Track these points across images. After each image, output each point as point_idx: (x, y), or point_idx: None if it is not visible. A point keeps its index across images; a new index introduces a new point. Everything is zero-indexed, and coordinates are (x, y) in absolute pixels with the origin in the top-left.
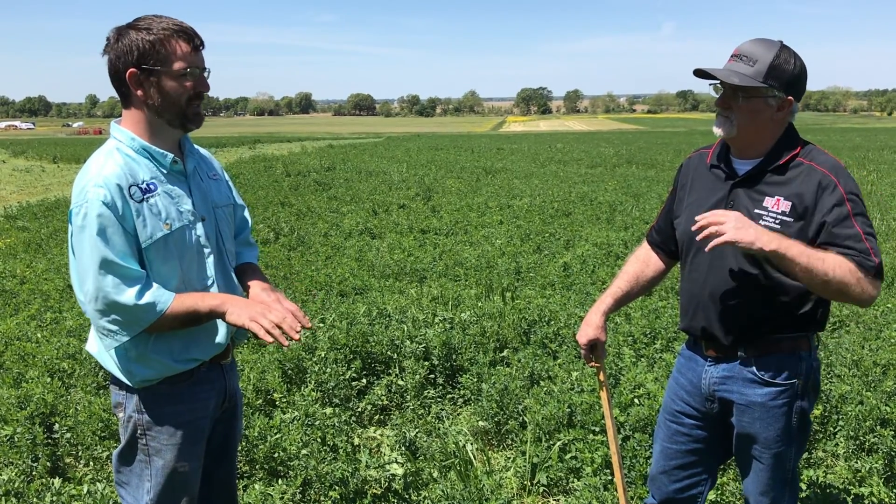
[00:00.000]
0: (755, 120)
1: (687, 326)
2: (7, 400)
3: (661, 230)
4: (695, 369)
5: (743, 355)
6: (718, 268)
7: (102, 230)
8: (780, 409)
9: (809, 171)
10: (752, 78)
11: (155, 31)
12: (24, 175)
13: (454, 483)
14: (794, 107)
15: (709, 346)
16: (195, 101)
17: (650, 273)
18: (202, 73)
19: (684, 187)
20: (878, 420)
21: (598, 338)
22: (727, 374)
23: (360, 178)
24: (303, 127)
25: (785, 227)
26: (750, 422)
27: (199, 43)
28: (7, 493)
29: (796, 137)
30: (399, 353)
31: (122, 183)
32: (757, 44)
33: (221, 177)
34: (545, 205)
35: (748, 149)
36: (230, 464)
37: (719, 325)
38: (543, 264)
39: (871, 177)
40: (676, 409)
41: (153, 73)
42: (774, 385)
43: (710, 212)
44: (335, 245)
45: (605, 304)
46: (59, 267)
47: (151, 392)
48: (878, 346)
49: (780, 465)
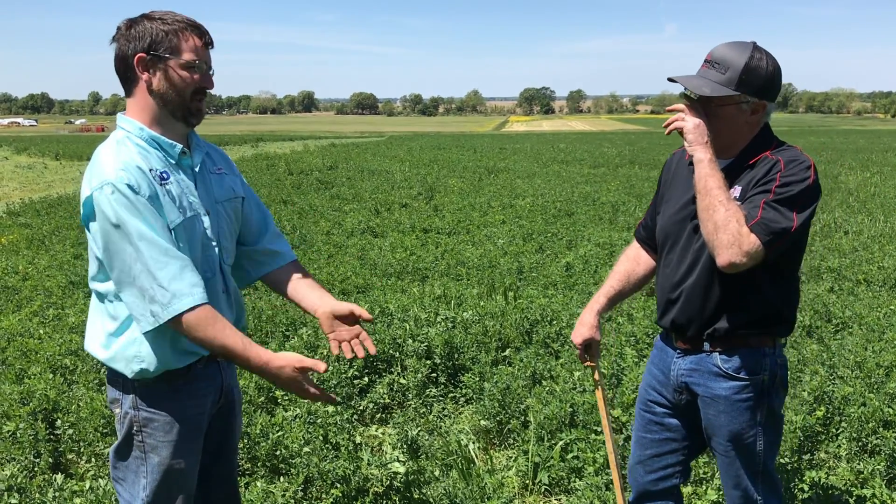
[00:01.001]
0: (729, 125)
1: (659, 319)
2: (9, 396)
3: (648, 227)
4: (665, 360)
5: (708, 348)
6: (688, 263)
7: (133, 210)
8: (744, 404)
9: (767, 160)
10: (724, 86)
11: (169, 22)
12: (26, 172)
13: (456, 482)
14: (770, 107)
15: (678, 339)
16: (198, 96)
17: (641, 271)
18: (209, 69)
19: (666, 184)
20: (881, 422)
21: (592, 337)
22: (694, 367)
23: (363, 177)
24: (305, 125)
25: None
26: (715, 415)
27: (210, 40)
28: (9, 488)
29: (770, 138)
30: (401, 351)
31: (142, 166)
32: (729, 48)
33: (227, 171)
34: (548, 205)
35: (724, 150)
36: (229, 460)
37: (687, 318)
38: (546, 264)
39: (875, 179)
40: (649, 399)
41: (162, 61)
42: (738, 379)
43: (680, 114)
44: (337, 244)
45: (599, 303)
46: (61, 263)
47: (148, 388)
48: (881, 347)
49: (749, 459)
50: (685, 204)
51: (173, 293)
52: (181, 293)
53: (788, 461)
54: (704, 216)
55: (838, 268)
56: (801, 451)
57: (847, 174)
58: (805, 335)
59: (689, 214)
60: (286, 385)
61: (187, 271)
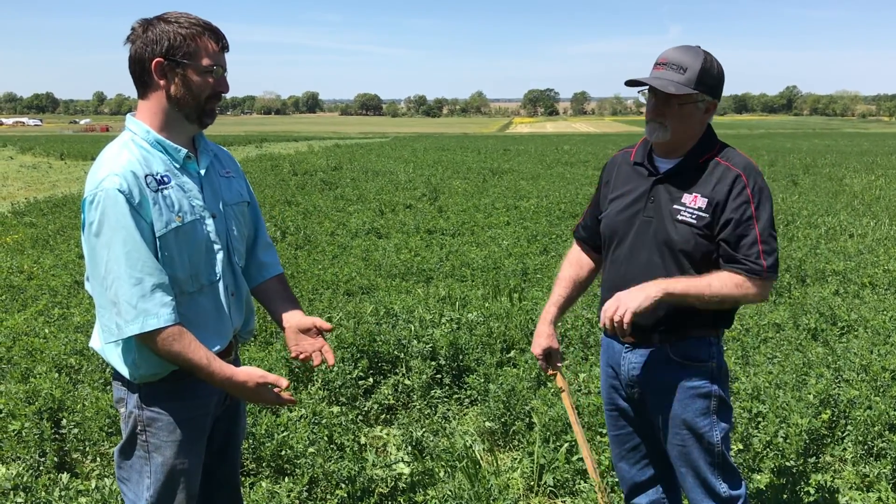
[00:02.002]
0: (686, 123)
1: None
2: (15, 395)
3: (588, 227)
4: (613, 356)
5: (658, 340)
6: (637, 259)
7: (118, 218)
8: (696, 390)
9: (725, 172)
10: (686, 85)
11: (186, 26)
12: (31, 171)
13: (461, 483)
14: (715, 108)
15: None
16: (213, 100)
17: (584, 274)
18: (224, 72)
19: (608, 184)
20: (887, 425)
21: (550, 346)
22: (644, 360)
23: (367, 177)
24: (309, 126)
25: (699, 221)
26: (668, 405)
27: (226, 44)
28: (15, 487)
29: (714, 138)
30: (406, 352)
31: (137, 172)
32: (682, 51)
33: (235, 174)
34: (552, 206)
35: (674, 150)
36: (233, 462)
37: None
38: (550, 266)
39: (880, 182)
40: (608, 397)
41: (180, 66)
42: (688, 367)
43: (604, 310)
44: (342, 244)
45: (551, 313)
46: (66, 263)
47: (152, 389)
48: (886, 350)
49: (707, 449)
50: (633, 201)
51: (139, 311)
52: (147, 312)
53: (794, 464)
54: (717, 300)
55: (843, 271)
56: (806, 454)
57: (852, 177)
58: (810, 338)
59: (636, 211)
60: (250, 397)
61: (158, 290)
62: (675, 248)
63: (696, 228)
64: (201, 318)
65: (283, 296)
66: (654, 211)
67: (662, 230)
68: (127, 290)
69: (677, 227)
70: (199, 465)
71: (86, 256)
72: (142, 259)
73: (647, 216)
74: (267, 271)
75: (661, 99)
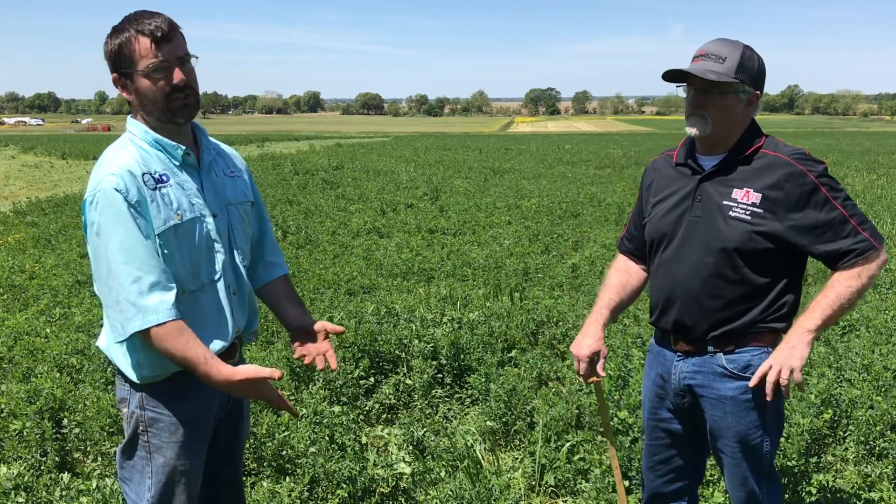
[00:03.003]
0: (728, 115)
1: (657, 321)
2: (16, 395)
3: (634, 237)
4: (664, 364)
5: (713, 349)
6: (686, 261)
7: (116, 217)
8: (750, 403)
9: (775, 162)
10: (726, 74)
11: (124, 32)
12: (33, 171)
13: (462, 483)
14: (758, 101)
15: (678, 340)
16: (175, 94)
17: (634, 282)
18: (172, 65)
19: (649, 189)
20: (889, 425)
21: (599, 349)
22: (697, 369)
23: (368, 177)
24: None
25: (756, 218)
26: (721, 416)
27: (162, 35)
28: (17, 486)
29: (759, 130)
30: (407, 352)
31: (135, 171)
32: (721, 43)
33: (241, 174)
34: (553, 206)
35: (718, 145)
36: (235, 464)
37: (690, 318)
38: (552, 265)
39: (881, 181)
40: (652, 406)
41: (126, 76)
42: (744, 379)
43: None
44: (343, 244)
45: (603, 315)
46: (67, 262)
47: (155, 389)
48: (888, 350)
49: (755, 459)
50: (678, 202)
51: (139, 308)
52: (148, 309)
53: (795, 464)
54: (856, 302)
55: None
56: (808, 453)
57: (853, 176)
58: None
59: (683, 211)
60: (247, 393)
61: (157, 287)
62: (728, 246)
63: (750, 225)
64: (202, 316)
65: (289, 297)
66: (702, 210)
67: (713, 229)
68: (126, 287)
69: (730, 224)
70: (200, 466)
71: (90, 257)
72: (140, 257)
73: (695, 216)
74: (273, 271)
75: (701, 89)
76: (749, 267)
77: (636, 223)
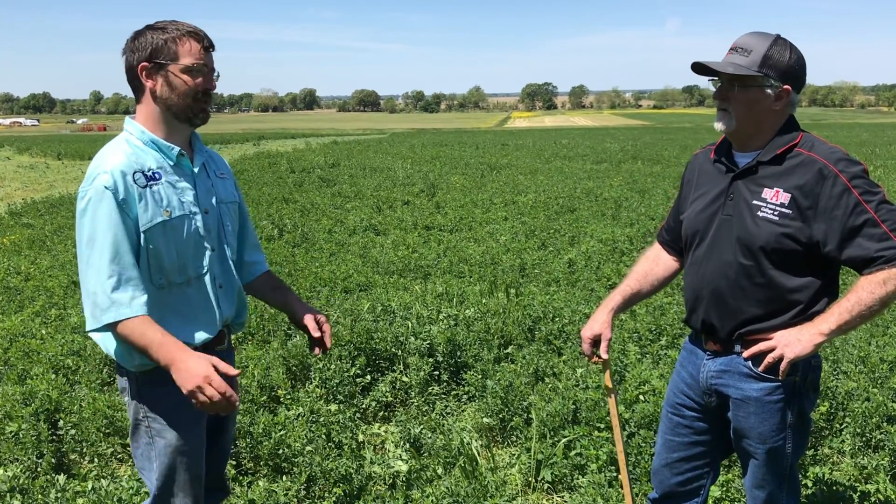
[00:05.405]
0: (752, 110)
1: (688, 319)
2: (12, 396)
3: (671, 229)
4: (695, 362)
5: (739, 350)
6: (716, 261)
7: (103, 214)
8: (775, 405)
9: (808, 161)
10: (747, 67)
11: (169, 31)
12: (28, 172)
13: (459, 480)
14: (794, 97)
15: (708, 340)
16: (205, 97)
17: (660, 271)
18: (210, 72)
19: (689, 183)
20: (885, 417)
21: (601, 333)
22: (724, 369)
23: (365, 174)
24: (307, 123)
25: (784, 220)
26: (745, 416)
27: (209, 44)
28: (12, 489)
29: (796, 128)
30: (403, 349)
31: (126, 170)
32: (753, 36)
33: (228, 177)
34: (550, 201)
35: (749, 142)
36: (221, 449)
37: (717, 317)
38: (548, 261)
39: (879, 172)
40: (678, 402)
41: (163, 67)
42: (769, 380)
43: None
44: (339, 241)
45: (614, 301)
46: (63, 263)
47: (148, 375)
48: (884, 342)
49: (776, 461)
50: (712, 200)
51: (112, 301)
52: (120, 303)
53: None
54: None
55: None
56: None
57: None
58: None
59: (716, 210)
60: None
61: (130, 284)
62: (755, 247)
63: (778, 226)
64: (189, 308)
65: (275, 285)
66: (734, 209)
67: (742, 228)
68: (104, 281)
69: (759, 224)
70: (200, 446)
71: (76, 243)
72: (119, 254)
73: (726, 214)
74: (255, 270)
75: (724, 83)
76: (777, 268)
77: (675, 215)
